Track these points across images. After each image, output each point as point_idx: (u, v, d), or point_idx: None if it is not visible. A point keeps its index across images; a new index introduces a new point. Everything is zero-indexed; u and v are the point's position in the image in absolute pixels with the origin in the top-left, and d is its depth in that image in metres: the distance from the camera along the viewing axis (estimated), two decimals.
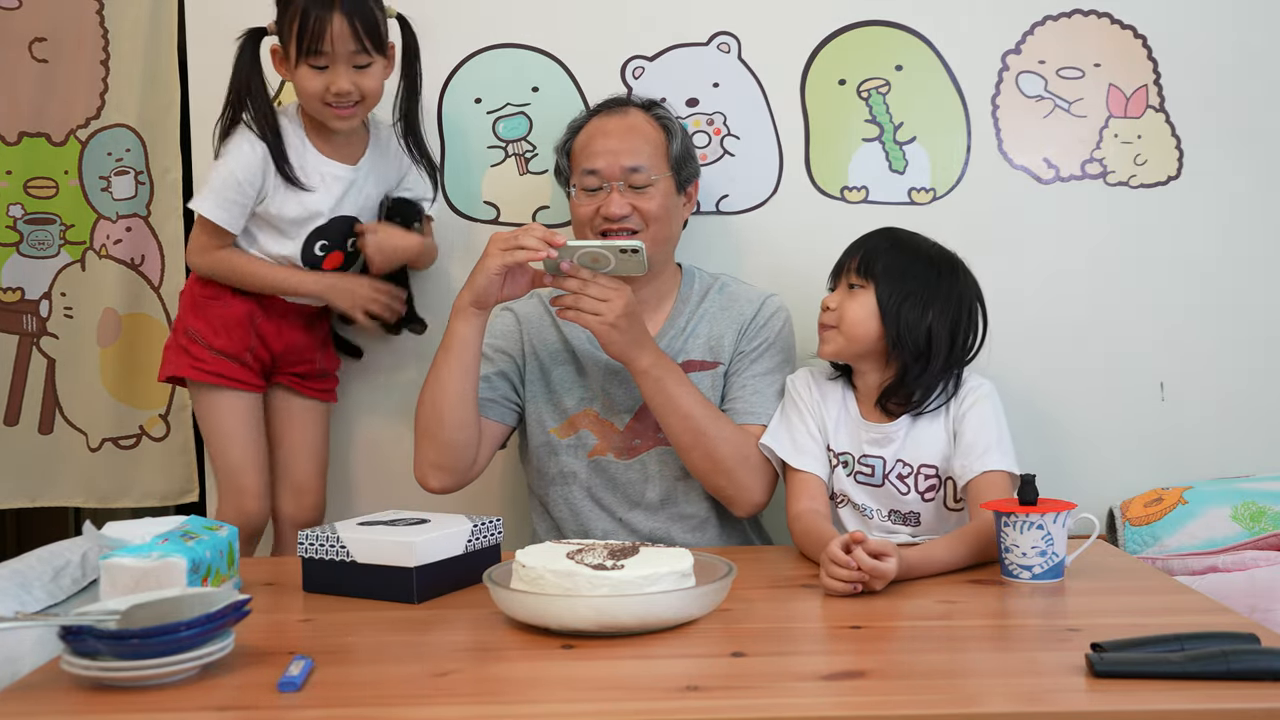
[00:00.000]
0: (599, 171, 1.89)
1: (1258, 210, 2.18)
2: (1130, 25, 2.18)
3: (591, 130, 1.94)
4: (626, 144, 1.90)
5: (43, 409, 2.39)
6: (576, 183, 1.93)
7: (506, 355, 1.96)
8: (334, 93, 1.91)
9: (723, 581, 1.39)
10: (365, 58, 1.92)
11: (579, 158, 1.94)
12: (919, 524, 1.81)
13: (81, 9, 2.33)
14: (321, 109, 1.94)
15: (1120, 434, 2.17)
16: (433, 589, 1.54)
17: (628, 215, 1.88)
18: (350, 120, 1.96)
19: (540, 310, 2.00)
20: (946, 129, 2.20)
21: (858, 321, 1.78)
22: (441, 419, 1.82)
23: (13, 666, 1.30)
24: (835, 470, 1.84)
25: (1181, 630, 1.21)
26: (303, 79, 1.93)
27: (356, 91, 1.93)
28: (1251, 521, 1.90)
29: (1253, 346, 2.18)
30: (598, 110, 1.99)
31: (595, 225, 1.89)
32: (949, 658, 1.29)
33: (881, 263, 1.79)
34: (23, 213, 2.38)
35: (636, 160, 1.89)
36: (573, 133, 1.98)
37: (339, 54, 1.90)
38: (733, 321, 1.95)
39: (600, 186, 1.89)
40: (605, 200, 1.88)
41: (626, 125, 1.93)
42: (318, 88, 1.92)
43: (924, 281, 1.78)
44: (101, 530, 1.62)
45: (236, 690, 1.18)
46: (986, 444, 1.75)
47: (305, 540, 1.59)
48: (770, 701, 1.14)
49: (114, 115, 2.33)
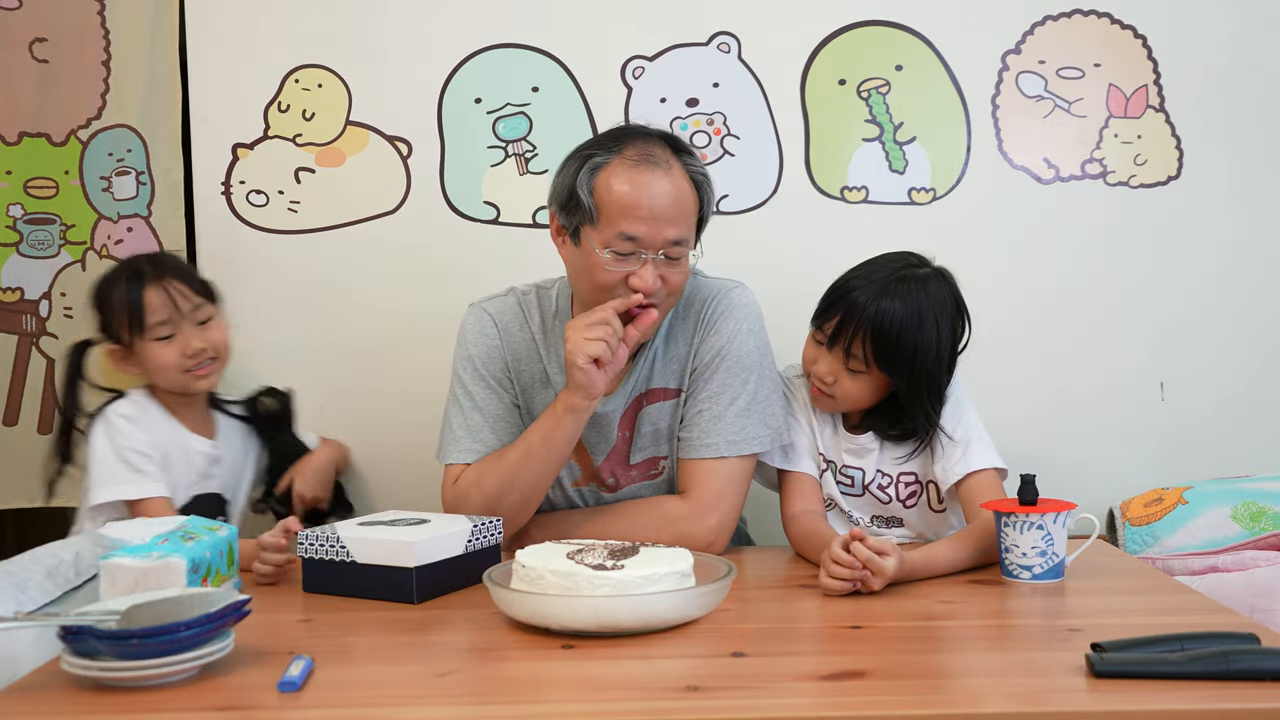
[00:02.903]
0: (640, 239, 1.66)
1: (1258, 210, 2.18)
2: (1130, 25, 2.18)
3: (636, 186, 1.66)
4: (673, 212, 1.67)
5: (42, 409, 2.39)
6: (605, 243, 1.67)
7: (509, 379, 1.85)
8: (189, 354, 1.89)
9: (723, 581, 1.38)
10: (205, 311, 1.93)
11: (614, 214, 1.66)
12: (902, 525, 1.82)
13: (82, 9, 2.33)
14: (181, 377, 1.90)
15: (1120, 434, 2.18)
16: (432, 589, 1.54)
17: (657, 291, 1.68)
18: (210, 379, 1.94)
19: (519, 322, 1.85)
20: (946, 129, 2.20)
21: (859, 398, 1.76)
22: (528, 507, 1.75)
23: (12, 666, 1.30)
24: (824, 475, 1.84)
25: (1181, 630, 1.21)
26: (156, 356, 1.89)
27: (210, 348, 1.92)
28: (1251, 521, 1.90)
29: (1253, 346, 2.18)
30: (631, 153, 1.69)
31: (617, 293, 1.68)
32: (949, 658, 1.30)
33: (891, 357, 1.69)
34: (23, 213, 2.38)
35: (680, 232, 1.68)
36: (594, 170, 1.69)
37: (181, 315, 1.90)
38: (687, 332, 1.80)
39: (633, 253, 1.67)
40: (639, 272, 1.66)
41: (674, 190, 1.67)
42: (171, 357, 1.89)
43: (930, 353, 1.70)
44: (101, 530, 1.62)
45: (236, 690, 1.18)
46: (964, 444, 1.73)
47: (305, 540, 1.59)
48: (770, 701, 1.14)
49: (115, 115, 2.33)
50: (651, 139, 1.72)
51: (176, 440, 1.93)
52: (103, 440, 1.87)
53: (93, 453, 1.88)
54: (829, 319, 1.74)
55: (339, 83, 2.25)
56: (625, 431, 1.83)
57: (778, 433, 1.79)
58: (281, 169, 2.26)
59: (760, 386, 1.78)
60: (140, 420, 1.89)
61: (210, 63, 2.26)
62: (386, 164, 2.25)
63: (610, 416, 1.82)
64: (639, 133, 1.74)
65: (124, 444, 1.86)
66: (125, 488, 1.84)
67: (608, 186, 1.67)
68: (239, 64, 2.25)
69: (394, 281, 2.25)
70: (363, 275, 2.26)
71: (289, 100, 2.26)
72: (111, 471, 1.85)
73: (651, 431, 1.82)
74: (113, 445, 1.86)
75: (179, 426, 1.94)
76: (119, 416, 1.88)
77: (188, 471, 1.93)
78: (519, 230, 2.24)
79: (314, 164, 2.26)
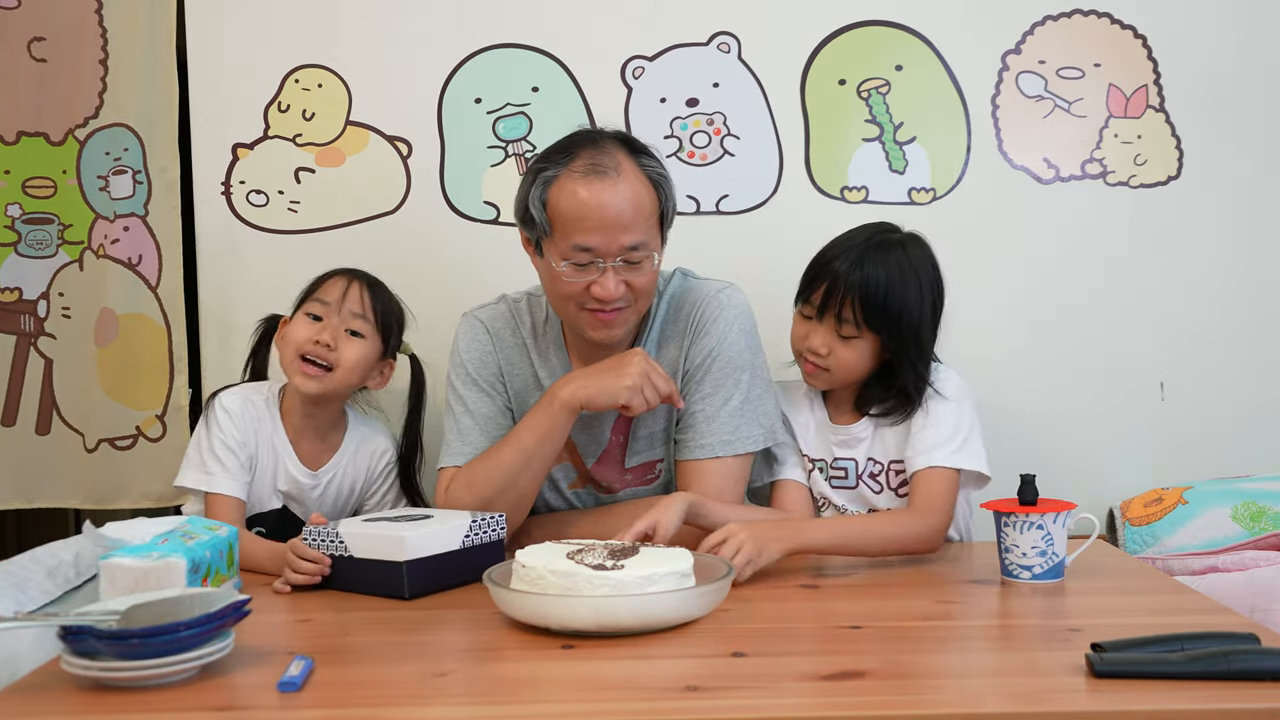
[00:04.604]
0: (594, 249, 1.66)
1: (1258, 210, 2.18)
2: (1130, 25, 2.18)
3: (585, 197, 1.66)
4: (626, 218, 1.66)
5: (40, 409, 2.38)
6: (562, 255, 1.68)
7: (501, 384, 1.85)
8: (315, 340, 1.83)
9: (723, 581, 1.38)
10: (362, 324, 1.86)
11: (566, 227, 1.67)
12: None
13: (80, 8, 2.33)
14: (293, 363, 1.84)
15: (1120, 434, 2.18)
16: (425, 585, 1.53)
17: (621, 296, 1.69)
18: (311, 383, 1.83)
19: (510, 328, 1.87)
20: (946, 129, 2.20)
21: (855, 367, 1.77)
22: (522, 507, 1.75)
23: (11, 666, 1.29)
24: (813, 476, 1.85)
25: (1181, 630, 1.21)
26: (293, 325, 1.87)
27: (336, 352, 1.83)
28: (1251, 521, 1.90)
29: (1253, 346, 2.18)
30: (579, 164, 1.68)
31: (582, 302, 1.71)
32: (949, 658, 1.30)
33: (880, 312, 1.72)
34: (21, 212, 2.37)
35: (636, 237, 1.67)
36: (546, 184, 1.69)
37: (338, 307, 1.85)
38: (679, 336, 1.81)
39: (590, 263, 1.68)
40: (599, 280, 1.67)
41: (625, 195, 1.66)
42: (303, 336, 1.84)
43: (920, 299, 1.74)
44: (101, 530, 1.61)
45: (236, 690, 1.18)
46: (939, 438, 1.72)
47: (308, 537, 1.59)
48: (770, 701, 1.14)
49: (112, 114, 2.33)
50: (602, 144, 1.71)
51: (272, 448, 1.88)
52: (200, 426, 1.88)
53: (195, 434, 1.89)
54: (815, 289, 1.76)
55: (339, 83, 2.25)
56: (619, 436, 1.83)
57: (771, 431, 1.80)
58: (281, 169, 2.26)
59: (753, 386, 1.78)
60: (241, 416, 1.85)
61: (210, 63, 2.26)
62: (386, 164, 2.25)
63: (601, 419, 1.82)
64: (589, 139, 1.73)
65: (214, 435, 1.84)
66: (199, 476, 1.83)
67: (559, 200, 1.68)
68: (239, 64, 2.25)
69: (394, 281, 2.23)
70: None
71: (289, 100, 2.26)
72: (195, 458, 1.85)
73: (647, 435, 1.83)
74: (204, 433, 1.86)
75: (282, 437, 1.88)
76: (221, 408, 1.86)
77: (273, 483, 1.89)
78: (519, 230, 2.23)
79: (314, 164, 2.26)
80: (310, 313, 1.86)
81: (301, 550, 1.59)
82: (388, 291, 1.93)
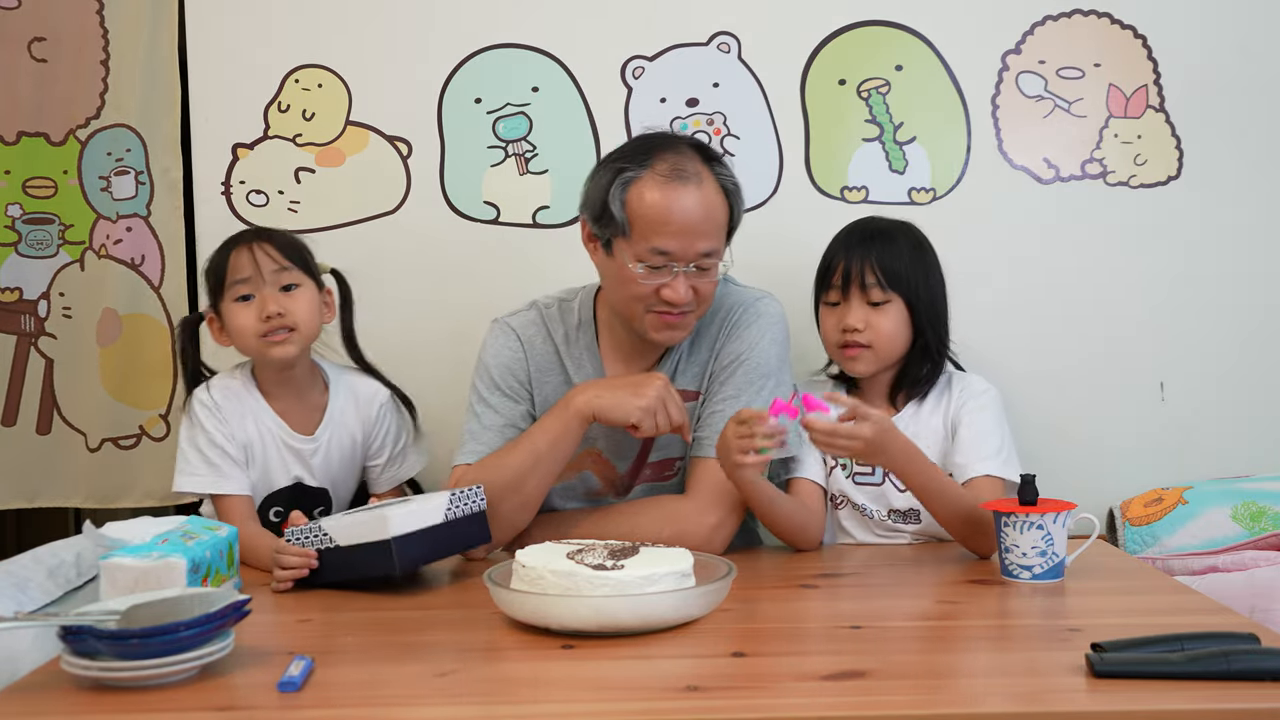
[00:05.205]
0: (672, 253, 1.69)
1: (1258, 210, 2.18)
2: (1130, 25, 2.18)
3: (668, 202, 1.68)
4: (705, 225, 1.70)
5: (40, 409, 2.39)
6: (638, 256, 1.70)
7: (528, 390, 1.86)
8: (264, 316, 1.81)
9: (723, 581, 1.39)
10: (290, 275, 1.85)
11: (646, 229, 1.69)
12: (920, 521, 1.82)
13: (81, 9, 2.33)
14: (257, 343, 1.83)
15: (1120, 434, 2.17)
16: (414, 558, 1.56)
17: (689, 301, 1.72)
18: (285, 348, 1.82)
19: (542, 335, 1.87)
20: (946, 129, 2.20)
21: (893, 336, 1.81)
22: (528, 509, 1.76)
23: (11, 666, 1.30)
24: (834, 473, 1.84)
25: (1181, 630, 1.21)
26: (234, 318, 1.84)
27: (289, 315, 1.82)
28: (1251, 521, 1.90)
29: (1253, 346, 2.18)
30: (662, 166, 1.70)
31: (650, 305, 1.72)
32: (949, 658, 1.30)
33: (902, 268, 1.80)
34: (21, 212, 2.38)
35: (711, 244, 1.71)
36: (626, 184, 1.71)
37: (263, 276, 1.83)
38: (711, 338, 1.83)
39: (664, 266, 1.70)
40: (671, 284, 1.70)
41: (706, 203, 1.70)
42: (249, 319, 1.82)
43: (930, 269, 1.85)
44: (101, 530, 1.62)
45: (236, 690, 1.18)
46: (991, 449, 1.76)
47: (292, 537, 1.61)
48: (770, 701, 1.14)
49: (114, 115, 2.33)
50: (682, 150, 1.74)
51: (263, 430, 1.88)
52: (184, 429, 1.86)
53: (181, 436, 1.87)
54: (834, 273, 1.83)
55: (339, 83, 2.25)
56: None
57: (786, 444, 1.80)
58: (281, 169, 2.26)
59: (776, 394, 1.78)
60: (222, 408, 1.85)
61: (210, 63, 2.25)
62: (386, 164, 2.25)
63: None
64: (668, 143, 1.75)
65: (201, 436, 1.84)
66: (201, 480, 1.83)
67: (640, 201, 1.70)
68: (239, 64, 2.25)
69: (394, 281, 2.25)
70: (362, 275, 2.25)
71: (289, 100, 2.26)
72: (189, 463, 1.84)
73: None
74: (191, 435, 1.85)
75: (269, 413, 1.88)
76: (200, 404, 1.85)
77: (279, 462, 1.89)
78: (519, 230, 2.24)
79: (314, 164, 2.26)
80: (239, 296, 1.84)
81: (285, 549, 1.60)
82: (277, 231, 1.92)
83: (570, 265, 2.08)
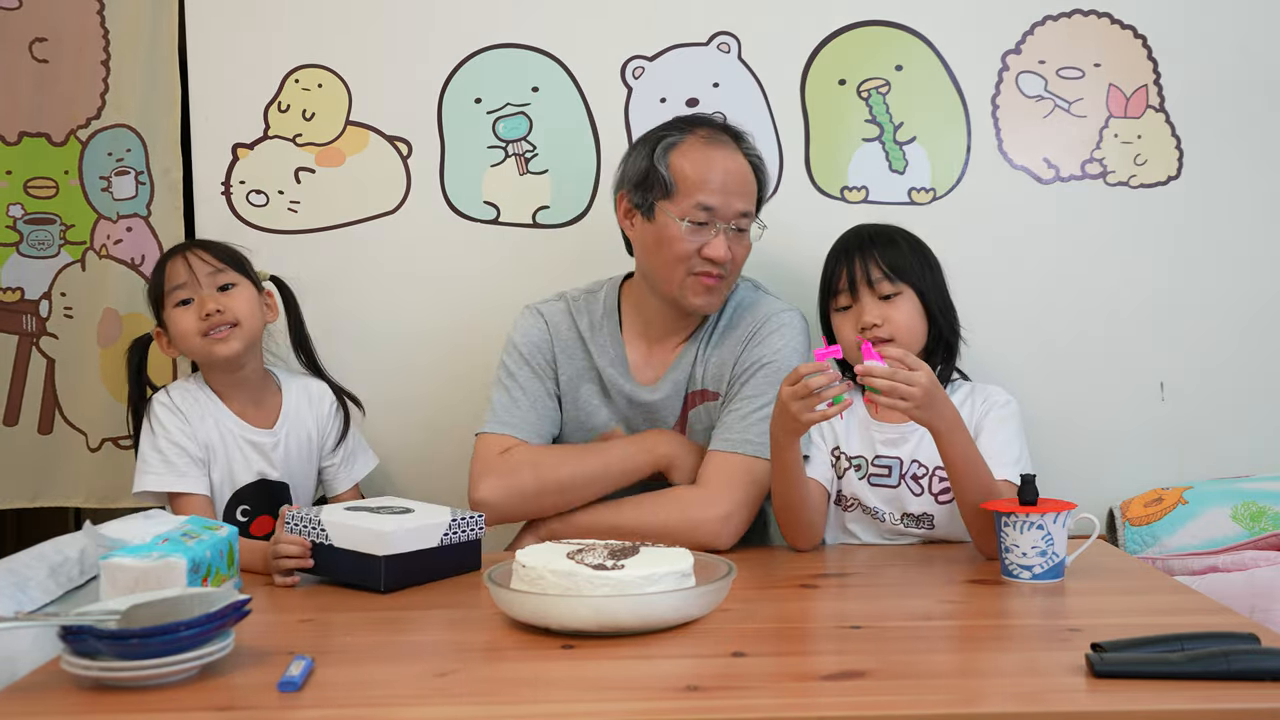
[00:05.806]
0: (715, 209, 1.80)
1: (1258, 210, 2.18)
2: (1130, 25, 2.18)
3: (710, 161, 1.82)
4: (742, 187, 1.83)
5: (42, 409, 2.39)
6: (683, 213, 1.80)
7: (553, 369, 1.94)
8: (204, 314, 1.85)
9: (723, 581, 1.39)
10: (226, 276, 1.89)
11: (690, 187, 1.80)
12: (932, 526, 1.81)
13: (82, 9, 2.33)
14: (201, 343, 1.86)
15: (1120, 434, 2.17)
16: (401, 580, 1.56)
17: (727, 261, 1.81)
18: (229, 344, 1.86)
19: (568, 323, 1.95)
20: (946, 129, 2.20)
21: (911, 327, 1.82)
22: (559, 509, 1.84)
23: (11, 665, 1.30)
24: (846, 474, 1.84)
25: (1181, 630, 1.21)
26: (176, 324, 1.88)
27: (228, 312, 1.86)
28: (1251, 521, 1.90)
29: (1253, 346, 2.18)
30: (703, 131, 1.85)
31: (691, 266, 1.81)
32: (949, 658, 1.30)
33: (906, 261, 1.83)
34: (23, 212, 2.38)
35: (748, 204, 1.84)
36: (668, 149, 1.83)
37: (199, 279, 1.87)
38: (735, 343, 1.89)
39: (708, 223, 1.80)
40: (711, 242, 1.80)
41: (740, 167, 1.84)
42: (190, 322, 1.86)
43: (931, 262, 1.87)
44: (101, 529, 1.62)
45: (236, 690, 1.18)
46: (1010, 457, 1.76)
47: (291, 521, 1.62)
48: (770, 701, 1.14)
49: (114, 115, 2.33)
50: (715, 124, 1.89)
51: (223, 429, 1.91)
52: (145, 431, 1.89)
53: (141, 442, 1.90)
54: (839, 277, 1.85)
55: (339, 83, 2.25)
56: (679, 428, 1.92)
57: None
58: (281, 169, 2.26)
59: None
60: (182, 409, 1.88)
61: (210, 63, 2.26)
62: (386, 164, 2.25)
63: (666, 416, 1.90)
64: (705, 119, 1.91)
65: (163, 436, 1.86)
66: (159, 479, 1.85)
67: (684, 159, 1.82)
68: (239, 64, 2.25)
69: (394, 282, 2.25)
70: (362, 275, 2.26)
71: (289, 100, 2.26)
72: (148, 463, 1.86)
73: (703, 430, 1.90)
74: (153, 437, 1.87)
75: (227, 413, 1.92)
76: (161, 406, 1.88)
77: (241, 459, 1.92)
78: (519, 230, 2.24)
79: (314, 164, 2.26)
80: (179, 302, 1.88)
81: (284, 538, 1.62)
82: (212, 240, 1.97)
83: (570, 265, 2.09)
